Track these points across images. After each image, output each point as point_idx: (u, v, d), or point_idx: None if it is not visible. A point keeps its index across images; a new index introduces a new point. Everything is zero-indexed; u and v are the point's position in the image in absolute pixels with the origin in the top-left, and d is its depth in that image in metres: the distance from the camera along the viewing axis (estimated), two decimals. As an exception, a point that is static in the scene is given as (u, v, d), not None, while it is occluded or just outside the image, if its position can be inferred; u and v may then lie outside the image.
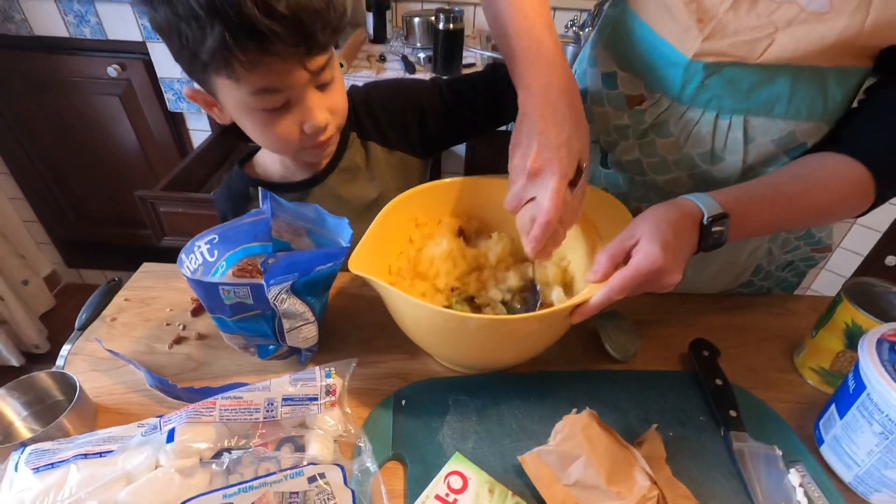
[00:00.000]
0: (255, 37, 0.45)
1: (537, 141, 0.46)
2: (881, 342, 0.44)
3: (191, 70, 0.51)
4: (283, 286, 0.47)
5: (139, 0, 0.47)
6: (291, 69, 0.50)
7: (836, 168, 0.51)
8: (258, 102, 0.51)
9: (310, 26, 0.47)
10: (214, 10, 0.43)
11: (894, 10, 0.42)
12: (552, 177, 0.45)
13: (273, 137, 0.55)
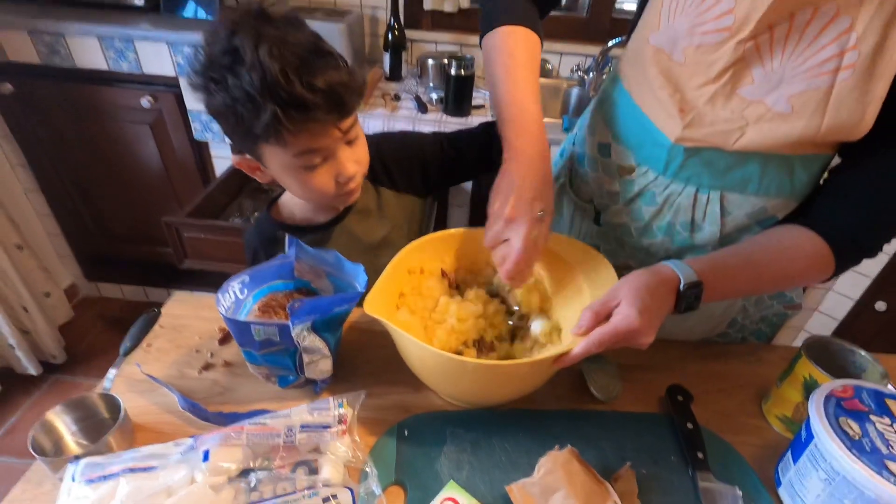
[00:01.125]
0: (300, 109, 0.54)
1: (515, 194, 0.54)
2: (829, 398, 0.50)
3: (242, 143, 0.60)
4: (304, 325, 0.54)
5: (196, 87, 0.56)
6: (327, 131, 0.58)
7: (800, 242, 0.57)
8: (300, 161, 0.59)
9: (341, 95, 0.56)
10: (267, 91, 0.52)
11: (845, 117, 0.49)
12: (524, 224, 0.53)
13: (312, 190, 0.63)
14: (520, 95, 0.60)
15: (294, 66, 0.53)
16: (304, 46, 0.55)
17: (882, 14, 0.45)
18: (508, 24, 0.63)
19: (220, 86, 0.53)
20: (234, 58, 0.53)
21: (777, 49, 0.50)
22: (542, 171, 0.56)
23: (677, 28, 0.55)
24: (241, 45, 0.52)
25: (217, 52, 0.54)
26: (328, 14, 1.69)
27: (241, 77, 0.52)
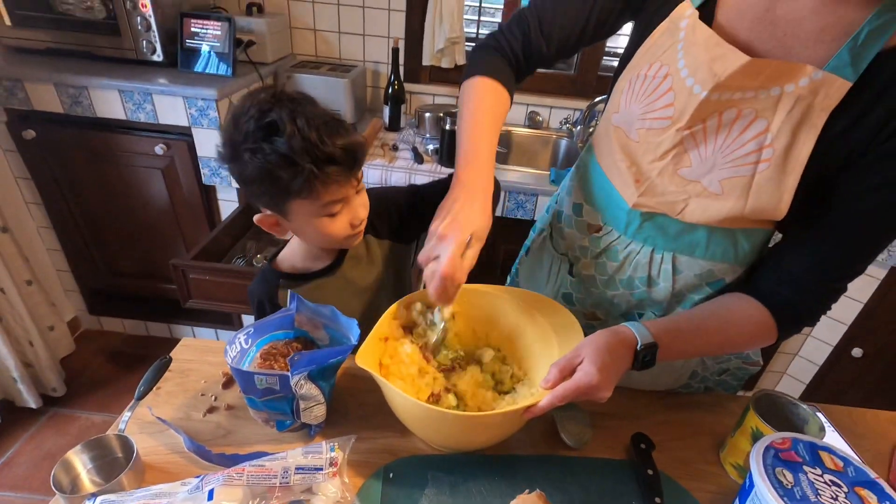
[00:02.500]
0: (330, 165, 0.63)
1: (451, 216, 0.61)
2: (769, 449, 0.56)
3: (272, 201, 0.68)
4: (302, 374, 0.60)
5: (227, 160, 0.65)
6: (347, 182, 0.68)
7: (746, 310, 0.64)
8: (325, 210, 0.68)
9: (356, 152, 0.67)
10: (305, 153, 0.62)
11: (765, 201, 0.57)
12: (452, 243, 0.58)
13: (330, 234, 0.71)
14: (476, 138, 0.67)
15: (324, 132, 0.63)
16: (324, 116, 0.66)
17: (791, 120, 0.53)
18: (485, 77, 0.71)
19: (257, 155, 0.62)
20: (270, 130, 0.62)
21: (710, 139, 0.58)
22: (479, 202, 0.63)
23: (632, 112, 0.63)
24: (278, 118, 0.62)
25: (252, 128, 0.63)
26: (333, 68, 1.81)
27: (277, 145, 0.62)
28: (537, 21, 0.69)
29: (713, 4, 0.57)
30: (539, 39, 0.70)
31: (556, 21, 0.68)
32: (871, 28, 0.49)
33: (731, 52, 0.54)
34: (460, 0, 1.76)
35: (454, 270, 0.59)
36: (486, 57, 0.73)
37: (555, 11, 0.68)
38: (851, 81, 0.51)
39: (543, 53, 0.71)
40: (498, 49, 0.72)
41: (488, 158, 0.67)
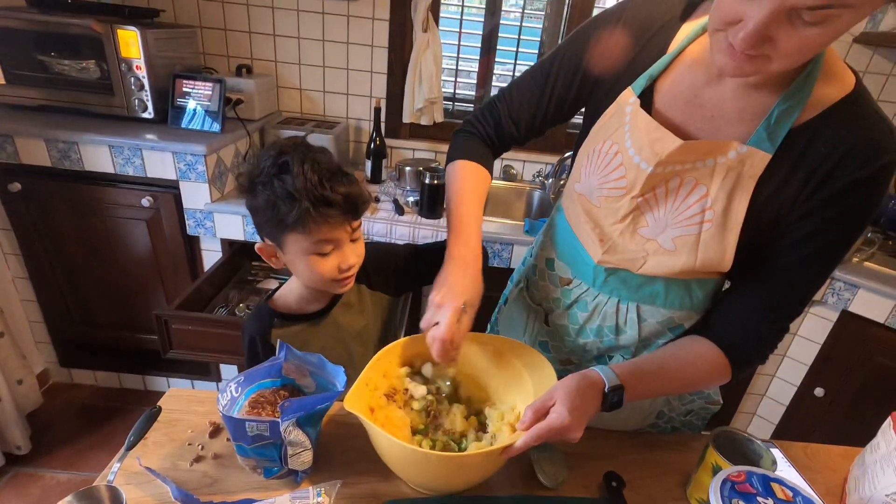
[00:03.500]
0: (326, 206, 0.71)
1: (446, 287, 0.68)
2: (725, 481, 0.61)
3: (271, 231, 0.75)
4: (290, 420, 0.63)
5: (244, 190, 0.74)
6: (341, 227, 0.75)
7: (702, 351, 0.71)
8: (316, 248, 0.75)
9: (355, 202, 0.75)
10: (304, 192, 0.69)
11: (711, 256, 0.65)
12: (448, 310, 0.65)
13: (318, 273, 0.77)
14: (463, 215, 0.76)
15: (326, 178, 0.72)
16: (331, 166, 0.75)
17: (725, 186, 0.62)
18: (465, 160, 0.81)
19: (266, 187, 0.72)
20: (282, 169, 0.72)
21: (661, 204, 0.66)
22: (471, 273, 0.71)
23: (592, 182, 0.72)
24: (290, 160, 0.72)
25: (267, 165, 0.72)
26: (318, 125, 1.91)
27: (285, 182, 0.71)
28: (506, 109, 0.79)
29: (651, 92, 0.67)
30: (509, 124, 0.80)
31: (520, 109, 0.78)
32: (780, 110, 0.59)
33: (668, 135, 0.63)
34: (438, 64, 1.90)
35: (452, 335, 0.66)
36: (466, 141, 0.82)
37: (519, 101, 0.78)
38: (771, 153, 0.60)
39: (514, 135, 0.81)
40: (475, 134, 0.82)
41: (475, 233, 0.75)
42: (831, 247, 0.63)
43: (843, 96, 0.59)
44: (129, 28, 1.49)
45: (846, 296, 1.60)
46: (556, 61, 0.74)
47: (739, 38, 0.49)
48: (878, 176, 0.57)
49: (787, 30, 0.48)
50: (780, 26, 0.48)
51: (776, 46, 0.49)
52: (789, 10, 0.46)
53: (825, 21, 0.46)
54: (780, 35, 0.48)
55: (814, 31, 0.47)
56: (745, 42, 0.49)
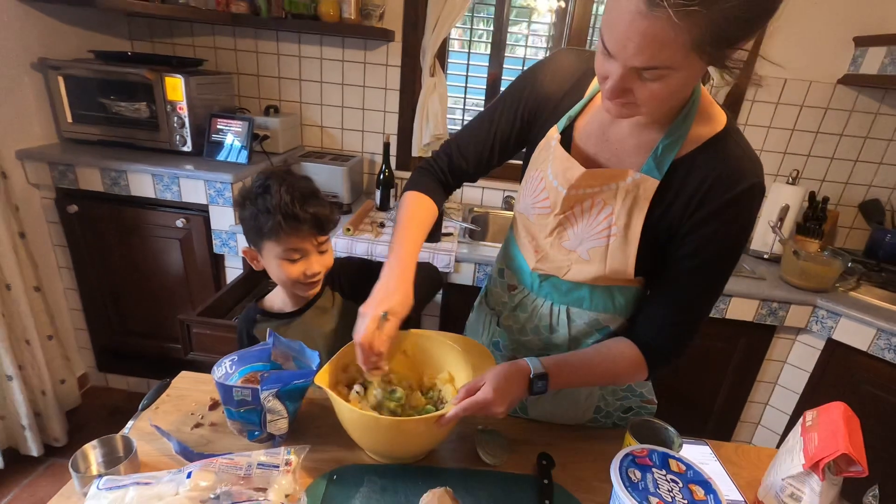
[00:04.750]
0: (294, 221, 0.88)
1: (372, 295, 0.78)
2: (627, 455, 0.71)
3: (253, 238, 0.93)
4: (270, 391, 0.78)
5: (237, 205, 0.94)
6: (308, 240, 0.92)
7: (622, 349, 0.82)
8: (285, 255, 0.91)
9: (321, 221, 0.92)
10: (277, 208, 0.87)
11: (617, 265, 0.77)
12: (366, 317, 0.75)
13: (287, 275, 0.93)
14: (400, 238, 0.85)
15: (298, 199, 0.90)
16: (306, 190, 0.92)
17: (626, 206, 0.75)
18: (415, 191, 0.91)
19: (252, 203, 0.90)
20: (265, 189, 0.90)
21: (578, 220, 0.79)
22: (394, 283, 0.77)
23: (527, 203, 0.86)
24: (272, 184, 0.90)
25: (256, 186, 0.92)
26: (335, 158, 2.12)
27: (266, 199, 0.89)
28: (457, 148, 0.92)
29: (571, 129, 0.81)
30: (460, 160, 0.92)
31: (469, 148, 0.90)
32: (664, 145, 0.72)
33: (575, 165, 0.76)
34: (444, 105, 2.10)
35: (369, 341, 0.74)
36: (421, 177, 0.94)
37: (468, 140, 0.91)
38: (659, 179, 0.72)
39: (465, 170, 0.93)
40: (430, 171, 0.94)
41: (408, 251, 0.82)
42: (715, 258, 0.74)
43: (715, 134, 0.71)
44: (175, 76, 1.75)
45: (829, 323, 1.64)
46: (499, 106, 0.88)
47: (606, 89, 0.64)
48: (741, 198, 0.69)
49: (638, 84, 0.61)
50: (632, 81, 0.61)
51: (634, 96, 0.63)
52: (634, 70, 0.60)
53: (662, 78, 0.59)
54: (635, 87, 0.62)
55: (657, 85, 0.60)
56: (609, 93, 0.64)
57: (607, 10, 0.59)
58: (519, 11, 2.12)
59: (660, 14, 0.52)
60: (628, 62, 0.58)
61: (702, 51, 0.56)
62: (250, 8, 1.91)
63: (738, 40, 0.57)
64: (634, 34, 0.55)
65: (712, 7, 0.51)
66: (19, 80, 1.73)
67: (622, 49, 0.58)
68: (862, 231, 2.16)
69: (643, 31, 0.55)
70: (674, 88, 0.61)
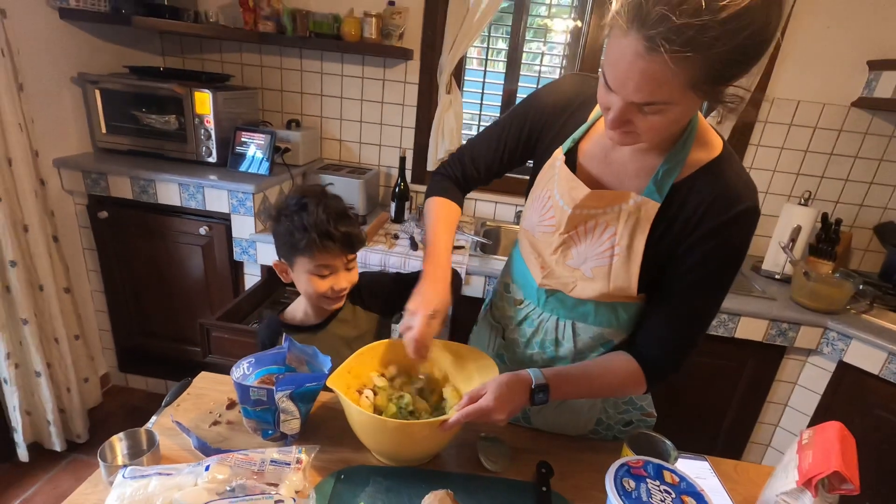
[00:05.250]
0: (328, 239, 0.93)
1: (420, 296, 0.84)
2: (623, 466, 0.74)
3: (285, 252, 0.99)
4: (284, 392, 0.82)
5: (272, 219, 0.98)
6: (338, 257, 0.97)
7: (622, 362, 0.85)
8: (316, 270, 0.97)
9: (352, 241, 0.97)
10: (313, 227, 0.93)
11: (620, 283, 0.80)
12: (420, 315, 0.81)
13: (315, 289, 0.98)
14: (435, 241, 0.92)
15: (333, 218, 0.95)
16: (340, 210, 0.98)
17: (628, 227, 0.78)
18: (439, 196, 0.98)
19: (288, 219, 0.96)
20: (301, 207, 0.96)
21: (582, 240, 0.83)
22: (438, 286, 0.85)
23: (533, 221, 0.90)
24: (309, 202, 0.96)
25: (292, 203, 0.98)
26: (352, 171, 2.19)
27: (303, 217, 0.95)
28: (469, 157, 0.98)
29: (576, 151, 0.85)
30: (472, 169, 0.98)
31: (480, 159, 0.96)
32: (664, 169, 0.75)
33: (580, 185, 0.80)
34: (459, 121, 2.16)
35: (423, 335, 0.82)
36: (440, 182, 1.01)
37: (480, 149, 0.97)
38: (659, 202, 0.76)
39: (476, 176, 0.99)
40: (447, 176, 1.01)
41: (444, 255, 0.90)
42: (712, 275, 0.77)
43: (712, 158, 0.75)
44: (203, 90, 1.84)
45: (840, 346, 1.63)
46: (509, 120, 0.93)
47: (609, 120, 0.68)
48: (736, 219, 0.73)
49: (638, 116, 0.65)
50: (633, 113, 0.65)
51: (635, 126, 0.67)
52: (634, 104, 0.64)
53: (661, 112, 0.63)
54: (635, 119, 0.66)
55: (656, 118, 0.64)
56: (611, 124, 0.68)
57: (609, 49, 0.63)
58: (535, 31, 2.17)
59: (657, 57, 0.56)
60: (629, 98, 0.63)
61: (697, 88, 0.60)
62: (276, 27, 2.00)
63: (731, 78, 0.61)
64: (634, 73, 0.60)
65: (706, 51, 0.55)
66: (59, 94, 1.84)
67: (622, 86, 0.62)
68: (878, 254, 2.14)
69: (642, 71, 0.59)
70: (672, 120, 0.65)
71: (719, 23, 0.53)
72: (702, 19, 0.53)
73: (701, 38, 0.54)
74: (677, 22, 0.53)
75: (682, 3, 0.53)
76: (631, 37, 0.57)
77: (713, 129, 0.78)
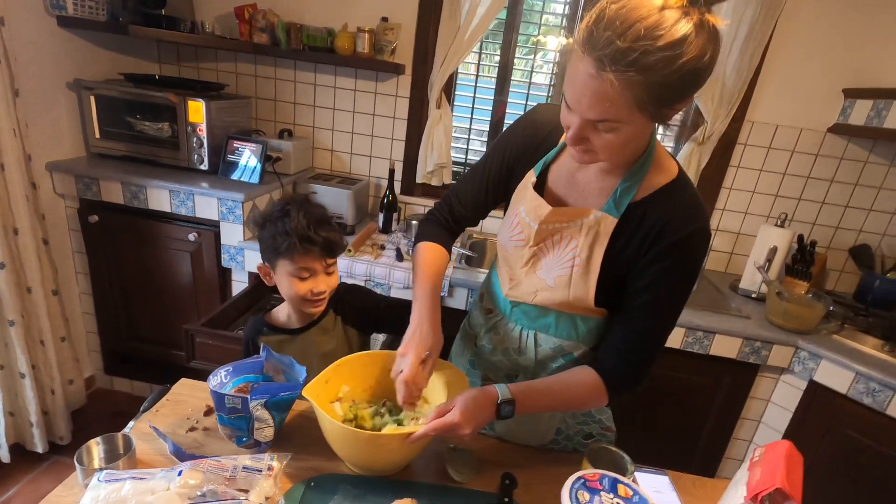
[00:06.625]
0: (307, 243, 0.98)
1: (410, 339, 0.86)
2: (579, 479, 0.77)
3: (269, 256, 1.04)
4: (259, 401, 0.85)
5: (257, 223, 1.04)
6: (317, 260, 1.02)
7: (584, 376, 0.88)
8: (296, 273, 1.02)
9: (332, 245, 1.02)
10: (294, 231, 0.98)
11: (579, 293, 0.85)
12: (410, 358, 0.84)
13: (295, 291, 1.03)
14: (422, 286, 0.93)
15: (313, 224, 1.01)
16: (320, 217, 1.03)
17: (588, 240, 0.83)
18: (427, 241, 1.01)
19: (272, 224, 1.02)
20: (284, 213, 1.01)
21: (548, 252, 0.88)
22: (427, 328, 0.86)
23: (504, 237, 0.94)
24: (291, 209, 1.01)
25: (276, 210, 1.03)
26: (342, 181, 2.22)
27: (285, 222, 1.01)
28: (456, 198, 1.02)
29: (546, 173, 0.90)
30: (459, 207, 1.01)
31: (467, 195, 1.00)
32: (622, 188, 0.80)
33: (543, 203, 0.85)
34: (448, 135, 2.20)
35: (414, 377, 0.83)
36: (428, 227, 1.03)
37: (465, 188, 1.00)
38: (617, 218, 0.81)
39: (465, 216, 1.02)
40: (436, 221, 1.04)
41: (434, 298, 0.90)
42: (666, 291, 0.81)
43: (667, 182, 0.80)
44: (197, 100, 1.88)
45: (811, 365, 1.68)
46: (490, 156, 0.97)
47: (569, 137, 0.73)
48: (687, 239, 0.78)
49: (594, 134, 0.71)
50: (589, 131, 0.71)
51: (592, 144, 0.73)
52: (589, 122, 0.69)
53: (614, 130, 0.69)
54: (591, 136, 0.72)
55: (610, 136, 0.70)
56: (570, 140, 0.74)
57: (568, 71, 0.70)
58: (527, 49, 2.23)
59: (605, 76, 0.63)
60: (584, 115, 0.69)
61: (644, 109, 0.67)
62: (271, 40, 2.04)
63: (673, 102, 0.68)
64: (587, 91, 0.67)
65: (647, 73, 0.62)
66: (55, 99, 1.87)
67: (578, 104, 0.69)
68: (853, 275, 2.20)
69: (594, 90, 0.66)
70: (625, 139, 0.71)
71: (658, 48, 0.61)
72: (642, 44, 0.61)
73: (642, 60, 0.61)
74: (621, 45, 0.61)
75: (626, 29, 0.61)
76: (584, 59, 0.65)
77: (670, 155, 0.83)
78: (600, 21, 0.63)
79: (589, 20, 0.65)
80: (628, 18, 0.61)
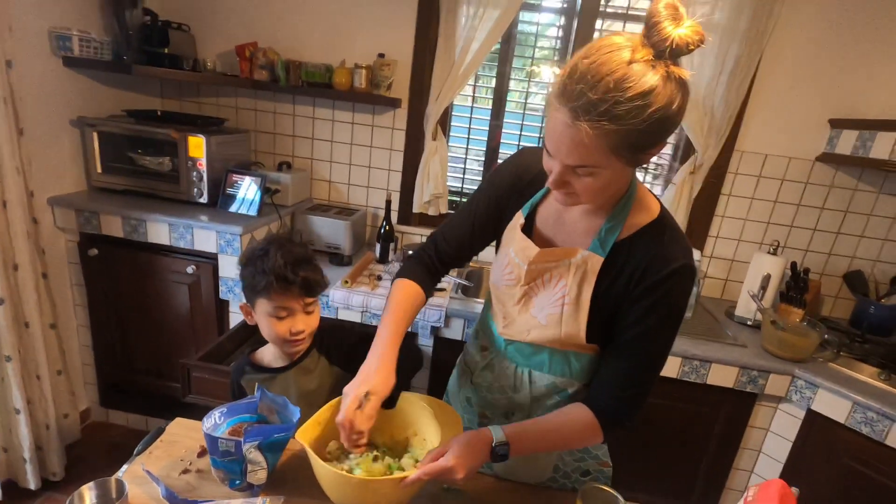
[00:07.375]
0: (284, 283, 1.00)
1: (354, 379, 0.84)
2: (572, 522, 0.77)
3: (248, 295, 1.05)
4: (252, 443, 0.86)
5: (242, 264, 1.06)
6: (295, 300, 1.03)
7: (578, 414, 0.89)
8: (275, 312, 1.03)
9: (311, 285, 1.03)
10: (272, 270, 1.00)
11: (570, 330, 0.86)
12: (348, 397, 0.82)
13: (274, 331, 1.04)
14: (386, 324, 0.90)
15: (290, 264, 1.02)
16: (300, 256, 1.05)
17: (576, 279, 0.84)
18: (403, 278, 1.00)
19: (252, 263, 1.03)
20: (265, 253, 1.03)
21: (539, 291, 0.89)
22: (374, 366, 0.83)
23: (496, 276, 0.96)
24: (271, 248, 1.03)
25: (258, 249, 1.05)
26: (340, 211, 2.25)
27: (265, 262, 1.02)
28: (443, 238, 1.02)
29: (534, 214, 0.92)
30: (445, 246, 1.02)
31: (453, 234, 1.01)
32: (606, 228, 0.83)
33: (531, 245, 0.87)
34: (444, 166, 2.24)
35: (350, 420, 0.80)
36: (410, 266, 1.03)
37: (451, 231, 1.01)
38: (603, 257, 0.83)
39: (450, 253, 1.02)
40: (420, 260, 1.04)
41: (394, 335, 0.89)
42: (654, 328, 0.83)
43: (650, 221, 0.83)
44: (198, 135, 1.92)
45: (808, 394, 1.68)
46: (476, 198, 0.99)
47: (550, 181, 0.76)
48: (671, 276, 0.79)
49: (574, 178, 0.74)
50: (569, 175, 0.74)
51: (573, 187, 0.75)
52: (569, 167, 0.72)
53: (592, 174, 0.72)
54: (572, 180, 0.75)
55: (589, 180, 0.73)
56: (553, 184, 0.77)
57: (547, 122, 0.74)
58: (522, 75, 2.29)
59: (580, 125, 0.67)
60: (563, 161, 0.73)
61: (619, 154, 0.70)
62: (270, 76, 2.10)
63: (647, 148, 0.71)
64: (565, 139, 0.70)
65: (619, 122, 0.66)
66: (59, 135, 1.91)
67: (558, 151, 0.73)
68: (848, 301, 2.21)
69: (570, 137, 0.69)
70: (604, 182, 0.74)
71: (627, 99, 0.64)
72: (613, 95, 0.64)
73: (613, 110, 0.64)
74: (593, 97, 0.65)
75: (597, 83, 0.65)
76: (561, 110, 0.68)
77: (652, 195, 0.86)
78: (573, 75, 0.67)
79: (563, 74, 0.69)
80: (599, 72, 0.65)
